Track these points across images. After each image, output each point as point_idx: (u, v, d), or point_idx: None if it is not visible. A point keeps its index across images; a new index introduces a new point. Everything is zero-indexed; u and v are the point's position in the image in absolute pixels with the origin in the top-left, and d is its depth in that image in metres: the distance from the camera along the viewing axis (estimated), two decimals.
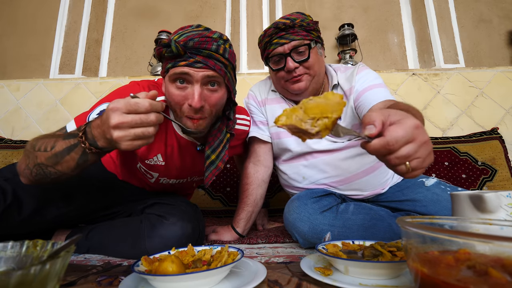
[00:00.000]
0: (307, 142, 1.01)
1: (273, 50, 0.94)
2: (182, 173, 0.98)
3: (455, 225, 0.46)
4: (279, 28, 0.91)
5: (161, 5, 2.31)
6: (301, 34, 0.92)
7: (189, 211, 0.91)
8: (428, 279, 0.35)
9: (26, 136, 1.89)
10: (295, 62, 0.92)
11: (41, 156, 0.64)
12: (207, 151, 0.85)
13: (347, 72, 1.02)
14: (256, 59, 2.07)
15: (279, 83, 1.01)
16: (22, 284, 0.32)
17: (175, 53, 0.72)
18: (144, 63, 2.19)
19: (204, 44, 0.72)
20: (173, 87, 0.76)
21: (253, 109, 1.11)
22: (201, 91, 0.75)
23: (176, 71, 0.74)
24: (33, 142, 0.67)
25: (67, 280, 0.58)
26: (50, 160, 0.63)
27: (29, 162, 0.66)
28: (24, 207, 0.75)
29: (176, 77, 0.74)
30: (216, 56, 0.74)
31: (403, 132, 0.42)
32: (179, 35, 0.74)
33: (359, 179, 0.99)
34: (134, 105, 0.55)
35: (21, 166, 0.68)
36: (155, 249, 0.76)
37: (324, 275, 0.56)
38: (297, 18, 0.93)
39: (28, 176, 0.68)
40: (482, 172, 1.57)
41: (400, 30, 2.21)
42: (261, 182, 1.07)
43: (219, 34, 0.77)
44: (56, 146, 0.63)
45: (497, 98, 1.86)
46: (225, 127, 0.88)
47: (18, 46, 2.24)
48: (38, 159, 0.64)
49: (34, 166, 0.65)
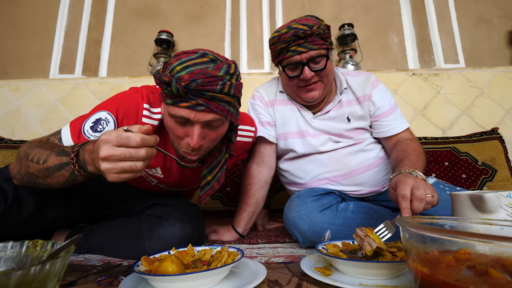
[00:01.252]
0: (313, 144, 1.03)
1: (289, 57, 0.93)
2: (181, 184, 0.98)
3: (455, 225, 0.46)
4: (298, 36, 0.90)
5: (161, 5, 2.31)
6: (318, 43, 0.91)
7: (189, 212, 0.91)
8: (428, 279, 0.35)
9: (26, 136, 1.89)
10: (311, 71, 0.93)
11: (33, 167, 0.64)
12: (204, 171, 0.83)
13: (359, 78, 1.05)
14: (256, 59, 2.07)
15: (292, 89, 1.02)
16: (22, 284, 0.32)
17: (176, 94, 0.67)
18: (144, 63, 2.19)
19: (207, 86, 0.66)
20: (172, 121, 0.73)
21: (259, 110, 1.10)
22: (201, 131, 0.71)
23: (175, 113, 0.70)
24: (27, 150, 0.67)
25: (67, 280, 0.58)
26: (41, 172, 0.64)
27: (21, 169, 0.67)
28: (25, 207, 0.75)
29: (175, 118, 0.71)
30: (220, 97, 0.69)
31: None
32: (182, 67, 0.67)
33: (360, 174, 1.01)
34: (126, 139, 0.53)
35: (13, 170, 0.69)
36: (154, 250, 0.75)
37: (324, 275, 0.56)
38: (314, 25, 0.91)
39: (20, 181, 0.69)
40: (482, 172, 1.56)
41: (400, 30, 2.21)
42: (263, 184, 1.07)
43: (226, 68, 0.69)
44: (48, 161, 0.63)
45: (497, 98, 1.86)
46: (225, 148, 0.86)
47: (18, 46, 2.24)
48: (30, 169, 0.65)
49: (25, 174, 0.66)
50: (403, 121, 1.04)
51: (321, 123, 1.04)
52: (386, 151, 1.07)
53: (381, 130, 1.04)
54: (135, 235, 0.84)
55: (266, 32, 2.13)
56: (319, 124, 1.04)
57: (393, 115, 1.03)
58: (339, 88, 1.05)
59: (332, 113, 1.04)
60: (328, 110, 1.04)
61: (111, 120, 0.76)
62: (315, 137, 1.03)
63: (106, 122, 0.76)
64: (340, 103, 1.04)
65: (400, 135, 1.01)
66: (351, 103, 1.04)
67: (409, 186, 0.64)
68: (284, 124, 1.07)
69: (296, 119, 1.06)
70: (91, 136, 0.74)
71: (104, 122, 0.76)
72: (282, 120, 1.07)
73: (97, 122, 0.75)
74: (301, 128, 1.05)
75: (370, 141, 1.05)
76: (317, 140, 1.03)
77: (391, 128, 1.02)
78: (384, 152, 1.06)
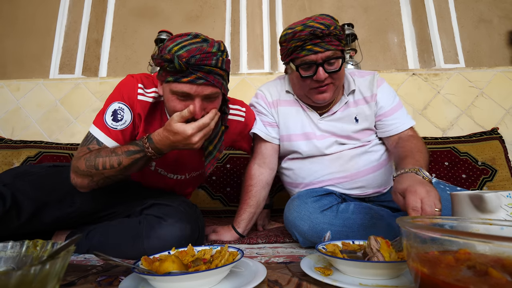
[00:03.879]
0: (319, 147, 1.02)
1: (304, 56, 0.90)
2: (179, 167, 1.01)
3: (455, 225, 0.46)
4: (315, 35, 0.87)
5: (161, 5, 2.31)
6: (335, 44, 0.89)
7: (188, 211, 0.91)
8: (428, 279, 0.35)
9: (26, 136, 1.89)
10: (325, 72, 0.90)
11: (109, 172, 0.79)
12: (205, 142, 0.90)
13: (366, 79, 1.05)
14: (256, 59, 2.07)
15: (303, 89, 0.99)
16: (22, 284, 0.32)
17: (178, 69, 0.76)
18: (144, 63, 2.19)
19: (205, 61, 0.76)
20: (173, 98, 0.81)
21: (261, 110, 1.09)
22: (201, 103, 0.80)
23: (178, 89, 0.78)
24: (88, 164, 0.79)
25: (67, 280, 0.58)
26: (120, 171, 0.80)
27: (94, 178, 0.81)
28: (23, 211, 0.76)
29: (177, 95, 0.80)
30: (215, 71, 0.78)
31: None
32: (179, 47, 0.76)
33: (364, 176, 1.00)
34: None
35: (83, 183, 0.82)
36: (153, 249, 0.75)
37: (324, 275, 0.56)
38: (331, 25, 0.89)
39: (92, 187, 0.83)
40: (482, 172, 1.56)
41: (400, 30, 2.20)
42: (265, 185, 1.06)
43: (218, 45, 0.79)
44: (123, 162, 0.79)
45: (497, 98, 1.86)
46: (220, 121, 0.92)
47: (18, 46, 2.24)
48: (105, 174, 0.80)
49: (101, 179, 0.81)
50: (407, 120, 1.02)
51: (328, 124, 1.03)
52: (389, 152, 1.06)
53: (384, 129, 1.03)
54: (134, 234, 0.84)
55: (266, 32, 2.13)
56: (326, 125, 1.03)
57: (396, 114, 1.02)
58: (347, 90, 1.04)
59: (338, 114, 1.03)
60: (335, 111, 1.03)
61: (124, 107, 0.89)
62: (322, 139, 1.02)
63: (122, 110, 0.88)
64: (347, 103, 1.03)
65: (402, 133, 1.00)
66: (358, 103, 1.03)
67: (420, 198, 0.65)
68: (288, 125, 1.05)
69: (301, 121, 1.04)
70: (117, 126, 0.87)
71: (120, 111, 0.88)
72: (285, 121, 1.06)
73: (115, 113, 0.87)
74: (306, 130, 1.03)
75: (375, 142, 1.04)
76: (323, 143, 1.01)
77: (394, 127, 1.01)
78: (388, 154, 1.06)
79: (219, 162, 1.61)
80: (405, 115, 1.04)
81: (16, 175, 0.84)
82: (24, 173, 0.86)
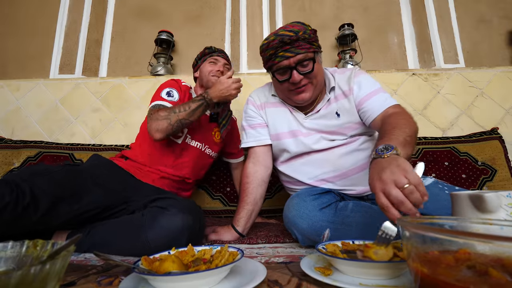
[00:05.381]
0: (306, 143, 1.05)
1: (278, 63, 0.97)
2: (202, 136, 1.30)
3: (455, 225, 0.46)
4: (284, 42, 0.94)
5: (161, 5, 2.31)
6: (305, 47, 0.95)
7: (190, 205, 0.96)
8: (428, 279, 0.35)
9: (26, 136, 1.89)
10: (300, 74, 0.96)
11: (182, 114, 1.09)
12: (219, 119, 1.33)
13: (345, 75, 1.08)
14: (256, 59, 2.06)
15: (283, 92, 1.06)
16: (22, 284, 0.32)
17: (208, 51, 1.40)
18: (144, 63, 2.19)
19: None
20: (209, 64, 1.36)
21: (251, 113, 1.16)
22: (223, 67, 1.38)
23: (212, 58, 1.37)
24: (169, 111, 1.09)
25: (67, 280, 0.58)
26: (188, 114, 1.10)
27: (171, 121, 1.07)
28: (40, 205, 0.79)
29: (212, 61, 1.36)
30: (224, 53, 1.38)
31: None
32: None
33: (355, 174, 1.02)
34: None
35: (163, 125, 1.07)
36: (156, 239, 0.80)
37: (324, 275, 0.56)
38: (299, 30, 0.95)
39: (169, 131, 1.08)
40: (482, 172, 1.56)
41: (400, 30, 2.20)
42: (260, 182, 1.08)
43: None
44: (191, 106, 1.11)
45: (497, 98, 1.86)
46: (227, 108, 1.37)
47: (18, 46, 2.24)
48: (179, 116, 1.09)
49: (175, 122, 1.08)
50: (387, 101, 0.96)
51: (313, 122, 1.06)
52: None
53: (366, 116, 0.99)
54: (137, 225, 0.87)
55: (266, 32, 2.13)
56: (310, 123, 1.06)
57: (375, 97, 0.98)
58: (328, 87, 1.07)
59: (322, 112, 1.06)
60: (319, 109, 1.06)
61: (173, 90, 1.24)
62: (307, 136, 1.05)
63: (172, 91, 1.23)
64: (329, 100, 1.06)
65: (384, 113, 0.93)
66: (338, 98, 1.06)
67: (380, 191, 0.58)
68: (276, 125, 1.10)
69: (288, 120, 1.09)
70: (171, 99, 1.20)
71: (171, 91, 1.23)
72: (273, 121, 1.11)
73: (168, 93, 1.22)
74: (292, 129, 1.07)
75: (364, 139, 1.05)
76: (309, 139, 1.05)
77: (373, 109, 0.96)
78: None
79: (219, 163, 1.62)
80: (385, 98, 0.98)
81: (33, 171, 0.86)
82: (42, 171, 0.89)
